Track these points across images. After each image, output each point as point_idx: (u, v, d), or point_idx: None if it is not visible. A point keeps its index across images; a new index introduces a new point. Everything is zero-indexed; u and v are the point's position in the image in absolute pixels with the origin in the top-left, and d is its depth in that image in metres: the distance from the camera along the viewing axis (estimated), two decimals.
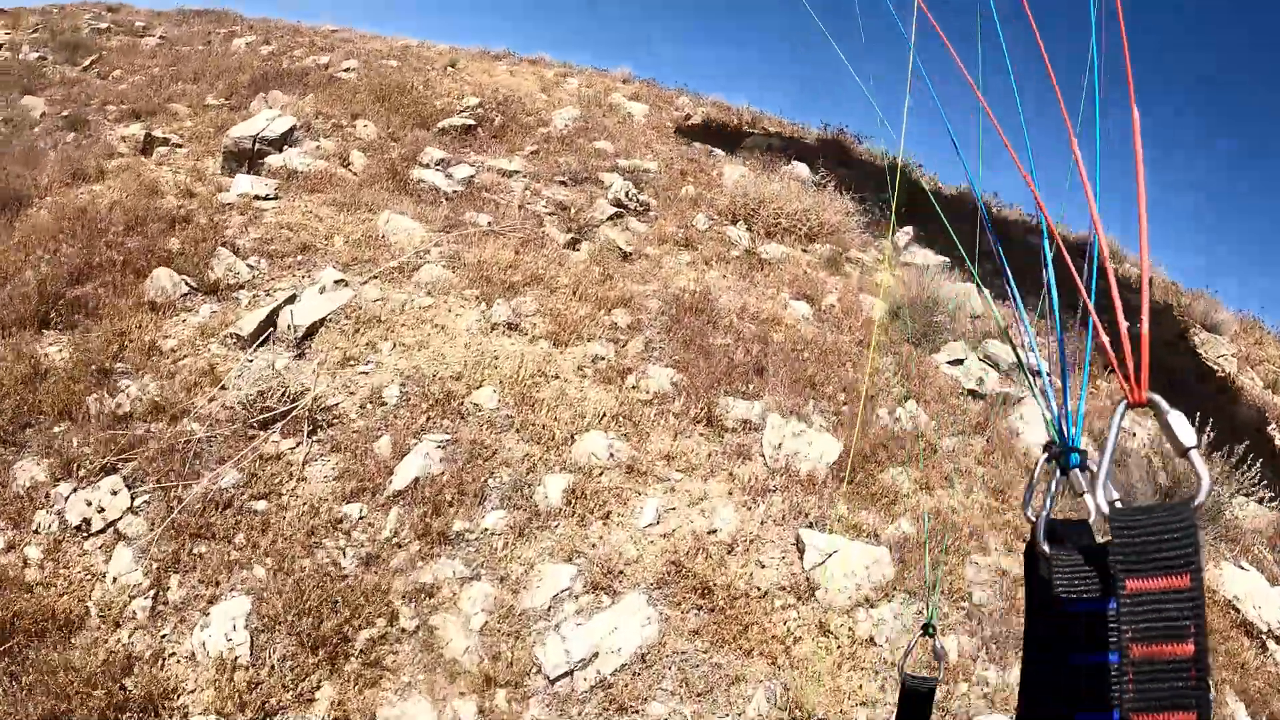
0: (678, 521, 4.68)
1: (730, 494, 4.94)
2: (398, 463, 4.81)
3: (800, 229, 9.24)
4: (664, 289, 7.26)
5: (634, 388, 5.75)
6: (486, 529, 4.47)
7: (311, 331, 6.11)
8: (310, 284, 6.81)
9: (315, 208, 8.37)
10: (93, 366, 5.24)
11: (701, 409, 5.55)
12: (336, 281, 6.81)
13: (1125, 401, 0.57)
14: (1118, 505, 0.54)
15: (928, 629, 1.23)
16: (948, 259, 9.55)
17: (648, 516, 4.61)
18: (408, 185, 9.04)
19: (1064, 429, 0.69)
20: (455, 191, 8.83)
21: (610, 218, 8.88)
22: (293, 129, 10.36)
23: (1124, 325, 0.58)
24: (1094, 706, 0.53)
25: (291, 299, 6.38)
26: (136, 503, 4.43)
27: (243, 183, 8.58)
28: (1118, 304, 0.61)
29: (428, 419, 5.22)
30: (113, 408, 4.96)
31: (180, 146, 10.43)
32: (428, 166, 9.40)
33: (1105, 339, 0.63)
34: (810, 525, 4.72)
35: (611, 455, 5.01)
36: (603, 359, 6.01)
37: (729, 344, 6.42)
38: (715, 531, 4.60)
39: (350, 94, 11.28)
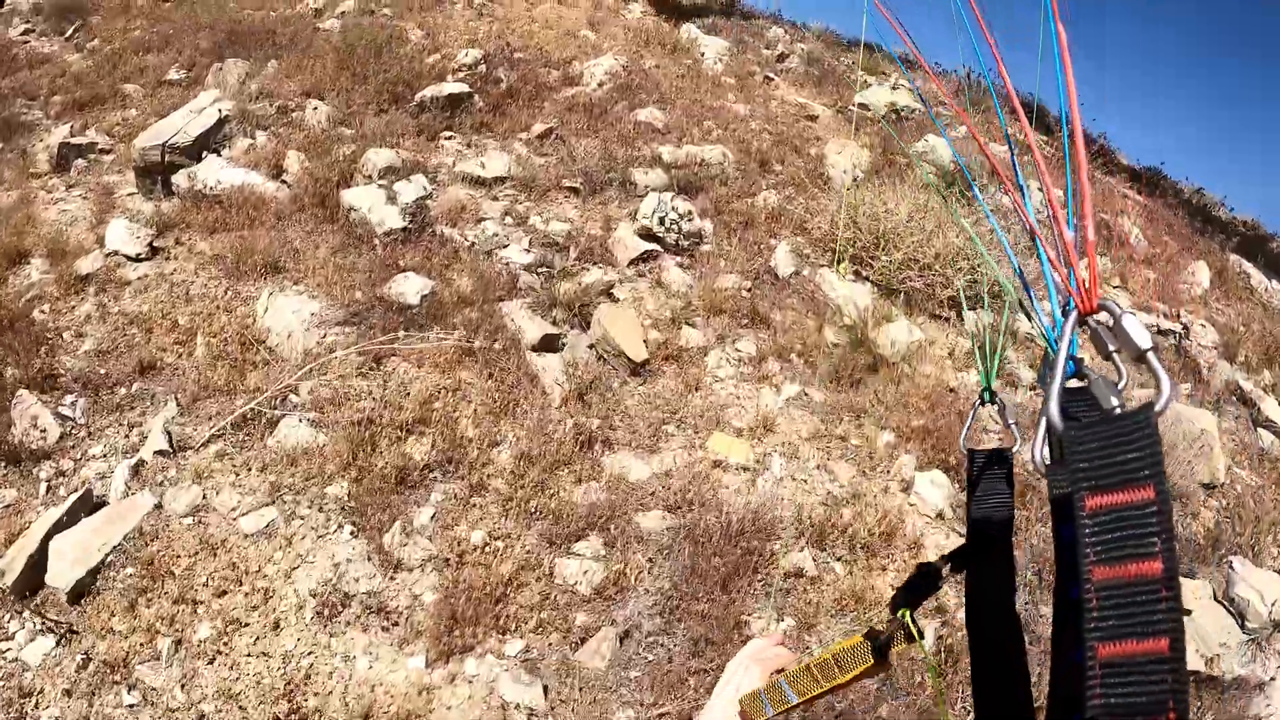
0: None
1: None
2: None
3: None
4: (700, 490, 3.87)
5: None
6: None
7: (81, 593, 3.42)
8: (126, 454, 4.15)
9: (197, 272, 5.66)
10: None
11: None
12: (159, 453, 4.11)
13: (1076, 311, 0.52)
14: (1071, 419, 0.48)
15: (987, 395, 0.92)
16: None
17: None
18: (337, 215, 6.07)
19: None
20: (395, 230, 5.75)
21: (638, 261, 5.48)
22: (222, 122, 7.60)
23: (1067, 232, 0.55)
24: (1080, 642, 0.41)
25: (86, 499, 3.73)
26: None
27: (115, 234, 5.96)
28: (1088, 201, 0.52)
29: None
30: None
31: (105, 154, 7.99)
32: (370, 179, 6.33)
33: (1051, 252, 0.58)
34: None
35: None
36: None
37: None
38: None
39: (315, 58, 8.28)
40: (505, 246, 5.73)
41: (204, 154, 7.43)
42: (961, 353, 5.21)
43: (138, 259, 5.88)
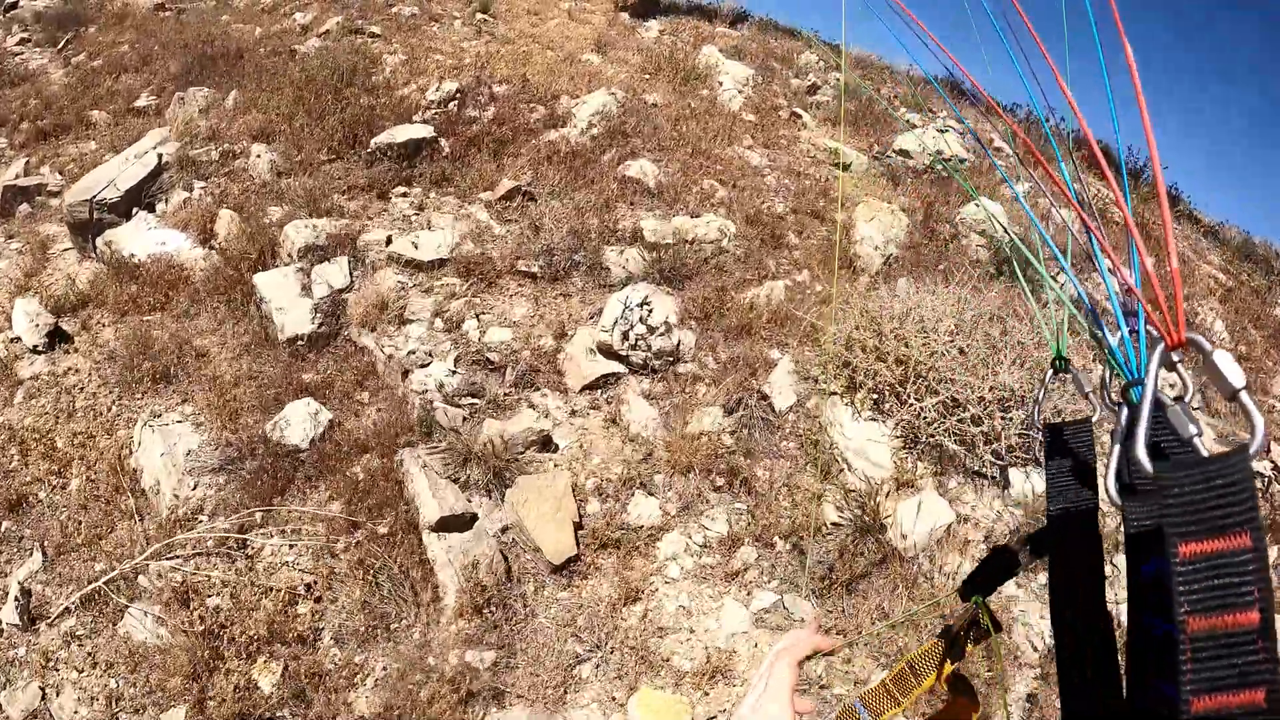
0: None
1: None
2: None
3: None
4: None
5: None
6: None
7: None
8: None
9: (91, 373, 4.86)
10: None
11: None
12: (10, 625, 3.33)
13: (1162, 344, 0.49)
14: (1161, 460, 0.46)
15: (1059, 364, 0.82)
16: None
17: None
18: (250, 301, 5.13)
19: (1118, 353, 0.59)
20: (302, 336, 4.76)
21: (594, 386, 4.35)
22: (160, 170, 6.74)
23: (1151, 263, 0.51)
24: (1166, 676, 0.42)
25: None
26: None
27: (18, 318, 5.20)
28: (1171, 239, 0.47)
29: None
30: None
31: (54, 196, 7.26)
32: (290, 260, 5.35)
33: (1130, 280, 0.55)
34: None
35: None
36: None
37: None
38: None
39: (275, 91, 7.34)
40: (427, 364, 4.66)
41: (135, 210, 6.60)
42: (1001, 535, 3.93)
43: (35, 350, 5.08)
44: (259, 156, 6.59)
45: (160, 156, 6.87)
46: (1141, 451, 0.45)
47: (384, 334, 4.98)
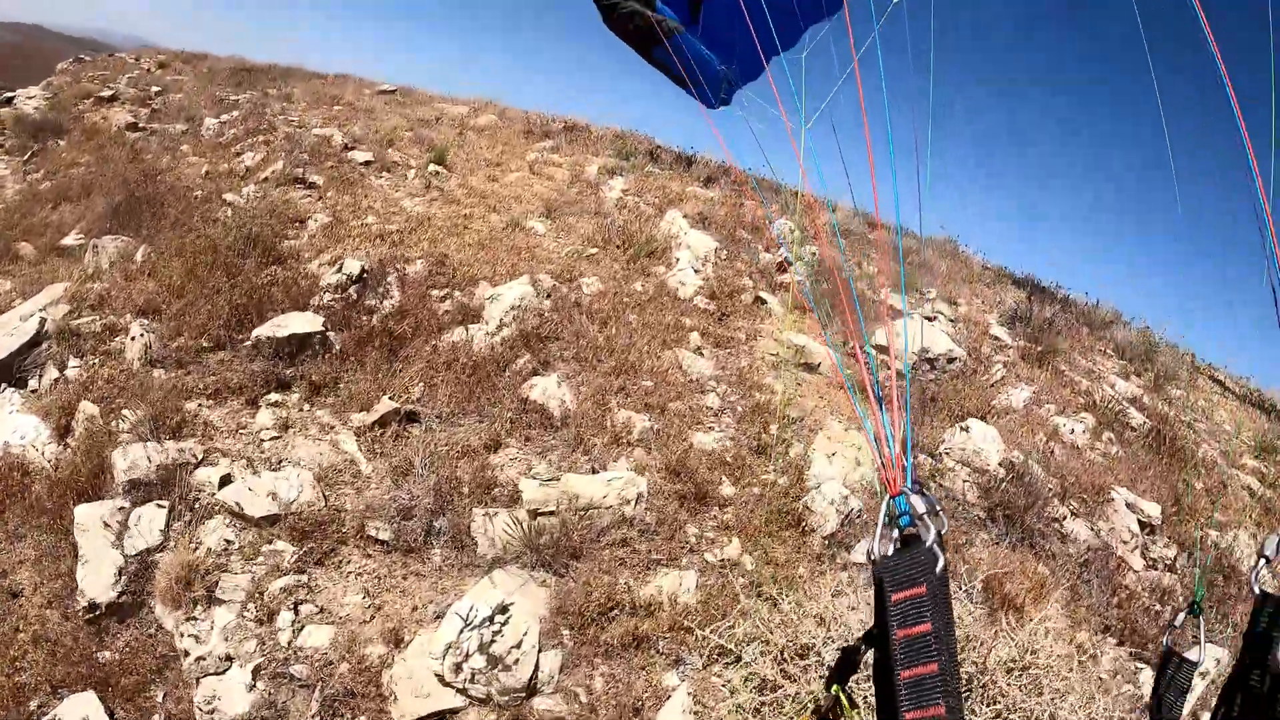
0: None
1: None
2: None
3: None
4: None
5: None
6: None
7: None
8: None
9: None
10: None
11: None
12: None
13: (889, 496, 1.05)
14: (883, 554, 1.03)
15: (1195, 607, 1.09)
16: None
17: None
18: (70, 535, 4.13)
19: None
20: (101, 606, 3.71)
21: None
22: (38, 339, 5.99)
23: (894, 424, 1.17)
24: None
25: None
26: None
27: None
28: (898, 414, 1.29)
29: None
30: None
31: None
32: (116, 494, 4.37)
33: (896, 449, 1.18)
34: None
35: None
36: None
37: None
38: None
39: (176, 256, 6.61)
40: (224, 670, 3.56)
41: (3, 386, 5.82)
42: None
43: None
44: (135, 338, 5.76)
45: (43, 321, 6.12)
46: (877, 549, 1.03)
47: (189, 615, 3.91)
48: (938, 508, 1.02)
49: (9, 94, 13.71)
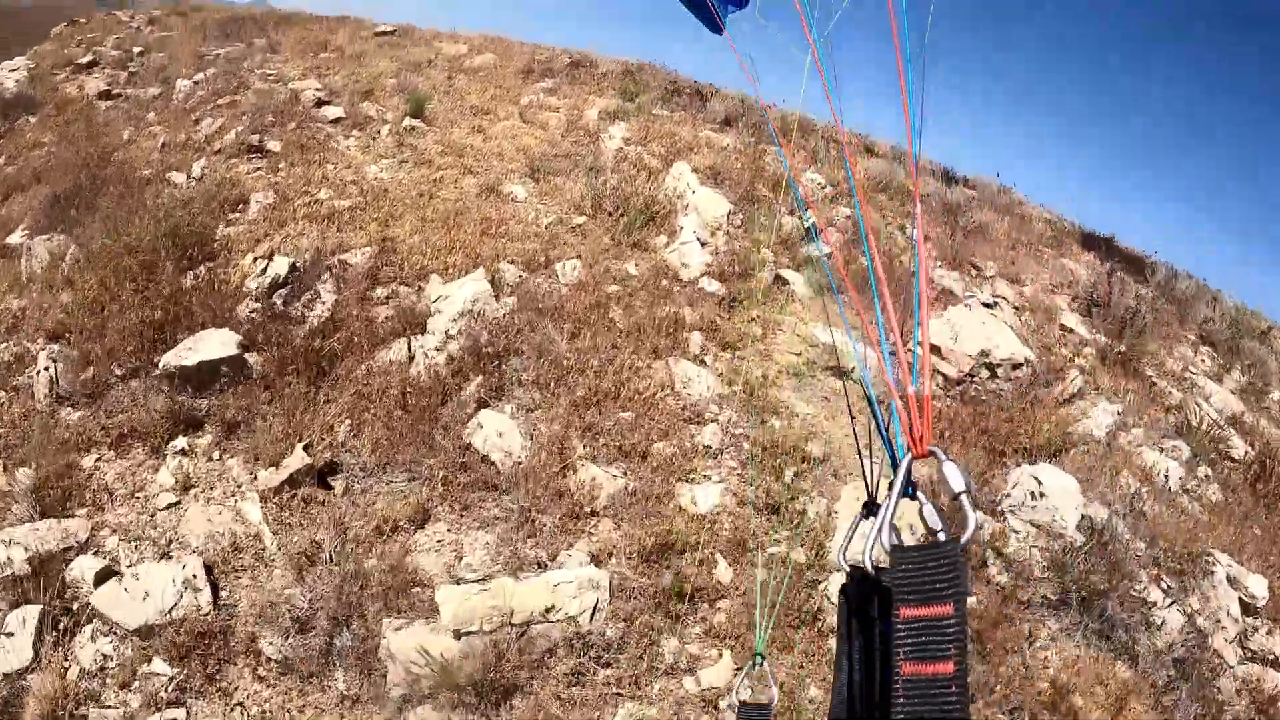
0: None
1: None
2: None
3: None
4: None
5: None
6: None
7: None
8: None
9: None
10: None
11: None
12: None
13: (909, 454, 0.67)
14: (895, 544, 0.62)
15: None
16: None
17: None
18: None
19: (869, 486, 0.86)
20: None
21: None
22: None
23: (910, 388, 0.68)
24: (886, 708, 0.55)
25: None
26: None
27: None
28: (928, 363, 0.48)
29: None
30: None
31: None
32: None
33: (899, 402, 0.69)
34: None
35: None
36: None
37: None
38: None
39: (105, 257, 5.73)
40: None
41: None
42: None
43: None
44: (43, 370, 4.96)
45: None
46: (887, 535, 0.64)
47: None
48: (972, 487, 0.59)
49: None
